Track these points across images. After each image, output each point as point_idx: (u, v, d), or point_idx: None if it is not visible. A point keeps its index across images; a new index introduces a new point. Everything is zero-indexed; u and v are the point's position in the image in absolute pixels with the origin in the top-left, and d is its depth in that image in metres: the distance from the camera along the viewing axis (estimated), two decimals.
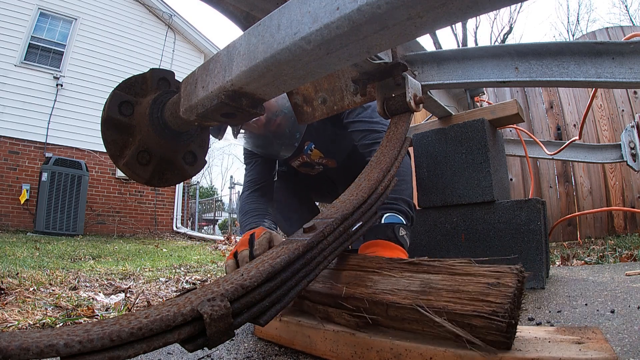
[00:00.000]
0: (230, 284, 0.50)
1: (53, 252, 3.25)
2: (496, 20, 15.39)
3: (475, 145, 1.47)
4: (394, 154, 0.86)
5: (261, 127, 1.34)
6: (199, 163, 0.99)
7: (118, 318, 0.44)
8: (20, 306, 1.19)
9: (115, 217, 7.40)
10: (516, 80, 1.02)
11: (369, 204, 0.74)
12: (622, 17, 15.66)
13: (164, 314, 0.43)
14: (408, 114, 0.95)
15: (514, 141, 2.67)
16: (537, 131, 3.99)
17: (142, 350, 0.41)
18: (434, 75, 1.14)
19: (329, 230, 0.65)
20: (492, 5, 0.48)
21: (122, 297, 1.42)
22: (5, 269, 1.89)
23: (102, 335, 0.38)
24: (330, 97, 1.16)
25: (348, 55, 0.59)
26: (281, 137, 1.39)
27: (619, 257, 2.05)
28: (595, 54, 0.92)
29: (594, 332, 0.55)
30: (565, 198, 3.83)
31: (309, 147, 1.52)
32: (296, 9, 0.58)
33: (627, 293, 1.09)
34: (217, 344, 0.47)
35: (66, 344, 0.36)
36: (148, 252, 3.95)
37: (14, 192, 6.44)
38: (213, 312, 0.45)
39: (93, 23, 7.68)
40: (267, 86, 0.69)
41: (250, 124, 1.33)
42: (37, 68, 6.92)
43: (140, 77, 0.92)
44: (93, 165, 7.30)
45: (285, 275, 0.55)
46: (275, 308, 0.53)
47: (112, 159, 0.89)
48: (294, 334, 0.75)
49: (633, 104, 3.60)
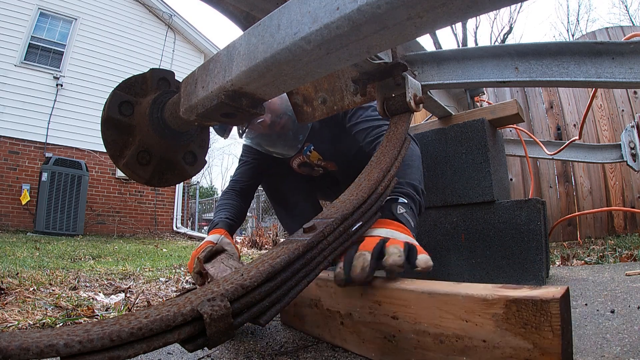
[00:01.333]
0: (230, 284, 0.50)
1: (53, 252, 3.25)
2: (496, 20, 15.41)
3: (475, 145, 1.47)
4: (394, 153, 0.86)
5: (266, 128, 1.39)
6: (199, 163, 0.99)
7: (118, 318, 0.44)
8: (20, 306, 1.19)
9: (115, 217, 7.40)
10: (516, 80, 1.02)
11: (369, 204, 0.74)
12: (622, 17, 15.66)
13: (164, 314, 0.43)
14: (408, 114, 0.96)
15: (514, 141, 2.67)
16: (537, 131, 3.99)
17: (142, 350, 0.41)
18: (434, 75, 1.14)
19: (329, 230, 0.65)
20: (492, 5, 0.48)
21: (122, 297, 1.42)
22: (5, 269, 1.89)
23: (102, 335, 0.38)
24: (330, 97, 1.16)
25: (348, 55, 0.59)
26: (285, 138, 1.44)
27: (619, 257, 2.05)
28: (595, 54, 0.92)
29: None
30: (565, 198, 3.83)
31: (309, 148, 1.53)
32: (296, 9, 0.58)
33: (627, 293, 1.09)
34: (217, 344, 0.47)
35: (66, 344, 0.37)
36: (148, 252, 3.95)
37: (14, 192, 6.44)
38: (213, 312, 0.45)
39: (93, 23, 7.68)
40: (267, 86, 0.69)
41: (255, 125, 1.37)
42: (37, 68, 6.92)
43: (140, 77, 0.92)
44: (93, 165, 7.29)
45: (285, 275, 0.55)
46: (275, 308, 0.53)
47: (112, 159, 0.90)
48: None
49: (633, 104, 3.60)
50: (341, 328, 0.74)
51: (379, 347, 0.65)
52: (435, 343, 0.56)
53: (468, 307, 0.52)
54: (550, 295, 0.45)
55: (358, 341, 0.70)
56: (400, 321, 0.61)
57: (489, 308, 0.50)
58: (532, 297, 0.47)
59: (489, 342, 0.50)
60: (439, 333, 0.56)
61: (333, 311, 0.76)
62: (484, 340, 0.50)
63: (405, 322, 0.61)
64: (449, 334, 0.54)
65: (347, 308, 0.72)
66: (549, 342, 0.45)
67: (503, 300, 0.49)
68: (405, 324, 0.60)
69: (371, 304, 0.67)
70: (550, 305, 0.45)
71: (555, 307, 0.44)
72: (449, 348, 0.54)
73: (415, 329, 0.59)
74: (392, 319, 0.63)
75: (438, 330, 0.56)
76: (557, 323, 0.44)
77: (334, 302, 0.76)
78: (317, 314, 0.81)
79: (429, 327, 0.57)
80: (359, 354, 0.70)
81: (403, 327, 0.61)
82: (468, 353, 0.52)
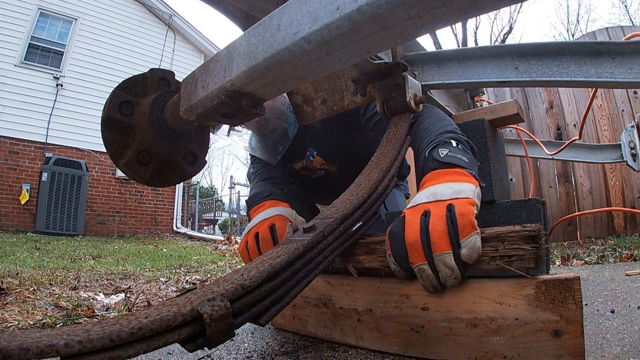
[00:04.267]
0: (230, 284, 0.50)
1: (53, 252, 3.25)
2: (496, 20, 15.38)
3: (475, 145, 1.47)
4: (394, 153, 0.86)
5: (254, 126, 1.31)
6: (199, 163, 0.99)
7: (118, 318, 0.44)
8: (20, 306, 1.19)
9: (115, 217, 7.40)
10: (516, 80, 1.02)
11: (368, 204, 0.74)
12: (622, 17, 15.65)
13: (164, 314, 0.43)
14: (408, 114, 0.95)
15: (514, 141, 2.67)
16: (537, 131, 3.99)
17: (142, 350, 0.41)
18: (434, 75, 1.14)
19: (328, 231, 0.65)
20: (492, 5, 0.48)
21: (122, 297, 1.42)
22: (5, 269, 1.89)
23: (102, 335, 0.38)
24: (330, 97, 1.16)
25: (348, 55, 0.59)
26: (264, 145, 1.36)
27: (619, 257, 2.05)
28: (595, 54, 0.92)
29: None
30: (565, 198, 3.83)
31: (311, 154, 1.49)
32: (296, 9, 0.58)
33: (627, 293, 1.09)
34: (217, 344, 0.47)
35: (66, 344, 0.36)
36: (148, 252, 3.95)
37: (14, 192, 6.44)
38: (213, 312, 0.45)
39: (93, 23, 7.67)
40: (267, 86, 0.69)
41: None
42: (37, 68, 6.91)
43: (141, 77, 0.92)
44: (93, 165, 7.29)
45: (285, 275, 0.55)
46: (275, 308, 0.53)
47: (112, 159, 0.89)
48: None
49: (633, 104, 3.60)
50: (357, 325, 0.75)
51: (404, 339, 0.67)
52: (468, 327, 0.61)
53: (502, 291, 0.59)
54: (572, 275, 0.55)
55: (378, 337, 0.71)
56: (431, 311, 0.65)
57: (522, 290, 0.58)
58: (558, 278, 0.56)
59: (521, 319, 0.57)
60: (473, 318, 0.61)
61: (348, 309, 0.77)
62: (517, 318, 0.57)
63: (436, 311, 0.64)
64: (482, 317, 0.60)
65: (367, 304, 0.74)
66: (572, 312, 0.54)
67: (534, 282, 0.57)
68: (437, 313, 0.64)
69: (397, 298, 0.69)
70: (573, 282, 0.54)
71: (577, 283, 0.54)
72: (483, 330, 0.59)
73: (447, 317, 0.63)
74: (421, 310, 0.66)
75: (472, 315, 0.61)
76: (579, 297, 0.54)
77: (350, 300, 0.77)
78: (325, 314, 0.81)
79: (462, 313, 0.62)
80: (378, 350, 0.71)
81: (433, 316, 0.65)
82: (501, 332, 0.58)
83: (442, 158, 0.74)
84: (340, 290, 0.79)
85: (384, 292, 0.71)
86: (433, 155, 0.76)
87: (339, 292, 0.79)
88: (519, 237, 0.58)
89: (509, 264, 0.58)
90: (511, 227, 0.60)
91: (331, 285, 0.80)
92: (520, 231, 0.58)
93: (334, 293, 0.80)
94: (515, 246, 0.58)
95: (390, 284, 0.71)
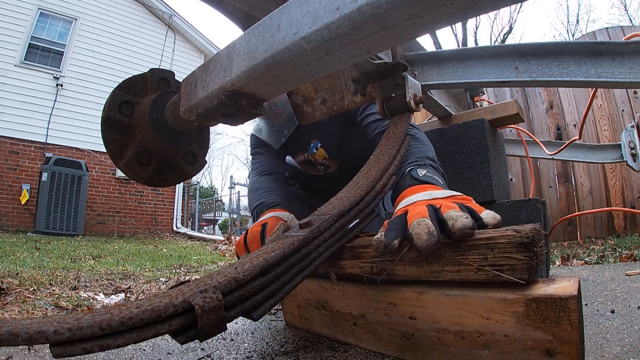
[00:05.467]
0: (224, 277, 0.50)
1: (53, 252, 3.25)
2: (496, 20, 15.38)
3: (475, 145, 1.47)
4: (393, 152, 0.86)
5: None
6: (199, 163, 0.99)
7: (109, 308, 0.43)
8: (21, 306, 1.19)
9: (115, 217, 7.39)
10: (516, 80, 1.02)
11: (366, 201, 0.74)
12: (622, 17, 15.64)
13: (156, 305, 0.43)
14: (408, 114, 0.96)
15: (514, 141, 2.67)
16: (537, 131, 3.99)
17: (132, 340, 0.40)
18: (434, 75, 1.14)
19: (325, 227, 0.65)
20: (492, 5, 0.48)
21: (122, 297, 1.42)
22: (5, 269, 1.89)
23: (92, 324, 0.38)
24: (330, 97, 1.16)
25: (348, 55, 0.59)
26: (271, 126, 1.43)
27: (619, 257, 2.05)
28: (595, 54, 0.92)
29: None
30: (565, 198, 3.83)
31: (315, 146, 1.51)
32: (296, 9, 0.58)
33: (627, 293, 1.09)
34: (208, 336, 0.47)
35: (55, 331, 0.36)
36: (148, 252, 3.95)
37: (14, 192, 6.44)
38: (205, 304, 0.45)
39: (93, 23, 7.67)
40: (267, 86, 0.69)
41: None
42: (37, 68, 6.91)
43: (141, 77, 0.92)
44: (93, 165, 7.29)
45: (280, 270, 0.55)
46: (268, 303, 0.53)
47: (112, 159, 0.90)
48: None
49: (633, 104, 3.60)
50: (354, 328, 0.74)
51: (398, 344, 0.66)
52: (457, 339, 0.58)
53: (488, 306, 0.54)
54: (568, 293, 0.48)
55: (374, 340, 0.70)
56: (419, 321, 0.62)
57: (509, 307, 0.52)
58: (551, 296, 0.48)
59: (511, 336, 0.52)
60: (460, 330, 0.57)
61: (344, 313, 0.76)
62: (506, 335, 0.53)
63: (424, 321, 0.62)
64: (470, 330, 0.56)
65: (360, 309, 0.72)
66: (567, 333, 0.47)
67: (523, 299, 0.51)
68: (424, 323, 0.62)
69: (385, 306, 0.67)
70: (568, 302, 0.47)
71: (573, 303, 0.47)
72: (471, 343, 0.56)
73: (434, 328, 0.60)
74: (409, 319, 0.64)
75: (459, 327, 0.57)
76: (575, 317, 0.47)
77: (344, 304, 0.76)
78: (325, 316, 0.81)
79: (449, 325, 0.58)
80: (376, 351, 0.70)
81: (422, 326, 0.62)
82: (490, 346, 0.54)
83: (420, 177, 0.82)
84: (334, 295, 0.78)
85: (371, 299, 0.69)
86: (412, 174, 0.84)
87: (333, 296, 0.78)
88: (511, 244, 0.51)
89: (499, 274, 0.52)
90: (503, 231, 0.54)
91: (325, 289, 0.80)
92: (513, 237, 0.51)
93: (329, 297, 0.79)
94: (507, 254, 0.52)
95: (376, 291, 0.68)
